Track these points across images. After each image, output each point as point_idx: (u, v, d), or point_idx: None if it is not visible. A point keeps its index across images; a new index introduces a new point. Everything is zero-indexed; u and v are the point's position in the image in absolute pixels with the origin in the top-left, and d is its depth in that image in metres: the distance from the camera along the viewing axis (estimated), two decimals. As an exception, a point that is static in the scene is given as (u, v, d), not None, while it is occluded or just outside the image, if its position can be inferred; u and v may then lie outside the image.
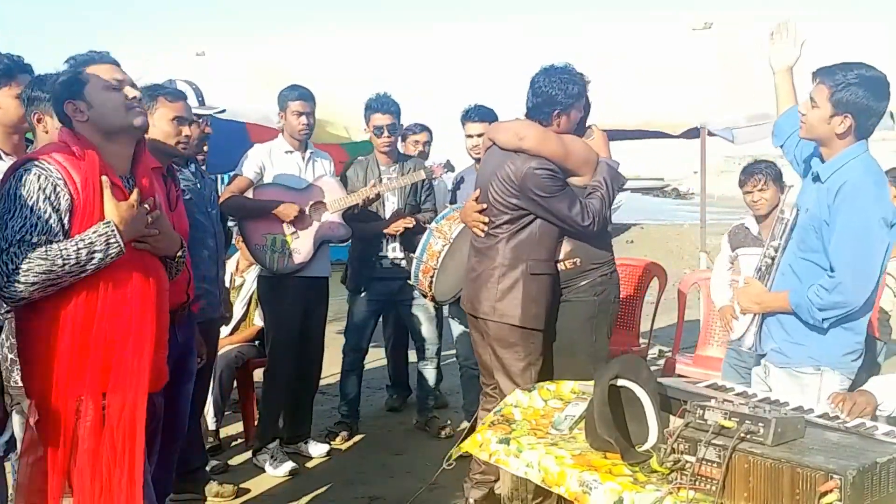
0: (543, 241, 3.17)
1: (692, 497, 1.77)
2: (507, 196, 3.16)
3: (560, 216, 3.11)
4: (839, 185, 2.49)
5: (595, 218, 3.11)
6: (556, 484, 1.99)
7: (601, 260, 3.27)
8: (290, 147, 4.20)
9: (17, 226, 2.06)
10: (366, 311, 4.61)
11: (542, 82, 3.13)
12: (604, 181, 3.16)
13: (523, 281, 3.15)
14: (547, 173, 3.07)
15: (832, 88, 2.47)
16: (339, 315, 7.97)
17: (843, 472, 1.60)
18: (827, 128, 2.51)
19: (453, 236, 3.75)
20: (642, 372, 2.12)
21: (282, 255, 4.05)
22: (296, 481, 4.03)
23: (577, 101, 3.16)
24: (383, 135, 4.47)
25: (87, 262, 2.07)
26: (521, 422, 2.41)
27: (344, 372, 4.74)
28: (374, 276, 4.54)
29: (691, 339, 5.26)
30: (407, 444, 4.62)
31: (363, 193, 4.21)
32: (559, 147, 3.11)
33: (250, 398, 4.56)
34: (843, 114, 2.47)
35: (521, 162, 3.10)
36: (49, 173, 2.09)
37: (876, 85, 2.48)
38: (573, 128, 3.23)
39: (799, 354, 2.61)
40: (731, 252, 4.07)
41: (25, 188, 2.07)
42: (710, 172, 7.65)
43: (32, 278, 2.03)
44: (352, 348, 4.69)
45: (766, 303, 2.70)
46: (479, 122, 4.41)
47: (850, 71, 2.48)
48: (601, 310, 3.27)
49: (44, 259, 2.03)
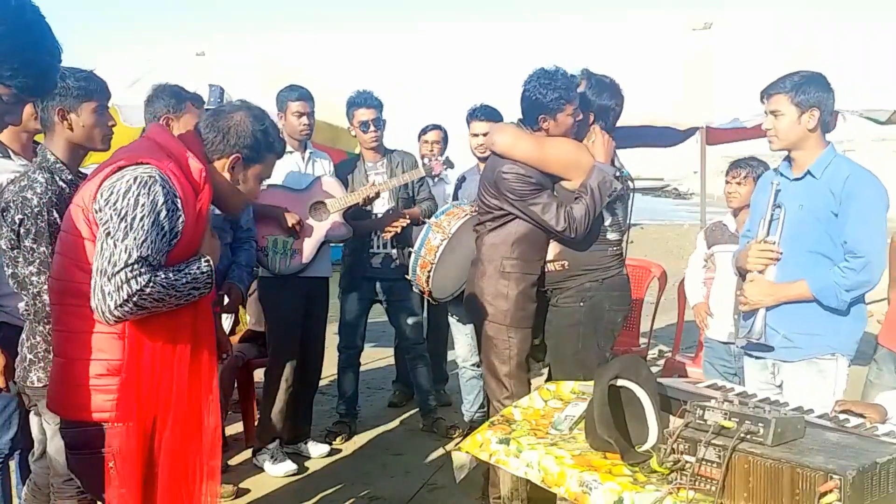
0: (523, 241, 3.18)
1: (692, 497, 1.77)
2: (489, 196, 3.23)
3: (535, 219, 3.14)
4: (844, 176, 2.68)
5: (572, 224, 3.08)
6: (556, 484, 1.99)
7: (591, 266, 3.21)
8: (289, 148, 4.19)
9: (140, 239, 1.89)
10: (357, 308, 4.61)
11: (529, 88, 3.16)
12: (589, 188, 3.11)
13: (495, 278, 3.19)
14: (515, 177, 3.10)
15: (790, 93, 2.72)
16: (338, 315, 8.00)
17: (842, 472, 1.60)
18: (798, 128, 2.73)
19: (452, 231, 3.76)
20: (642, 372, 2.12)
21: (284, 256, 4.05)
22: (296, 481, 4.04)
23: (564, 104, 3.13)
24: (370, 130, 4.43)
25: (187, 296, 1.99)
26: (520, 422, 2.41)
27: (340, 370, 4.75)
28: (365, 275, 4.55)
29: (691, 339, 5.26)
30: (407, 444, 4.61)
31: (363, 192, 4.20)
32: (533, 151, 3.13)
33: (250, 398, 4.56)
34: (810, 109, 2.70)
35: (500, 163, 3.16)
36: (170, 188, 1.96)
37: (821, 80, 2.75)
38: (570, 130, 3.21)
39: (818, 344, 2.74)
40: (707, 250, 4.08)
41: (150, 197, 1.92)
42: (710, 172, 7.65)
43: (149, 304, 1.91)
44: (346, 346, 4.70)
45: (779, 293, 2.77)
46: (484, 121, 4.40)
47: (795, 76, 2.75)
48: (589, 317, 3.20)
49: (164, 286, 1.92)
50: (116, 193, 1.93)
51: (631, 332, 5.15)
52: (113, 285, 1.87)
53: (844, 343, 2.76)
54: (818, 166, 2.74)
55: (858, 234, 2.65)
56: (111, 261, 1.88)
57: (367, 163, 4.52)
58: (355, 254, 4.57)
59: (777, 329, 2.78)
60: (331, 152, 4.73)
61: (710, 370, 3.90)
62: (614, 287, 3.25)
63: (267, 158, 2.24)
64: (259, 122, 2.19)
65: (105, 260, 1.89)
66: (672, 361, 4.79)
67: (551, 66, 3.17)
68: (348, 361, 4.72)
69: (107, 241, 1.91)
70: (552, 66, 3.17)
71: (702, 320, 4.01)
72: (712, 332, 3.94)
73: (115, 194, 1.93)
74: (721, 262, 3.92)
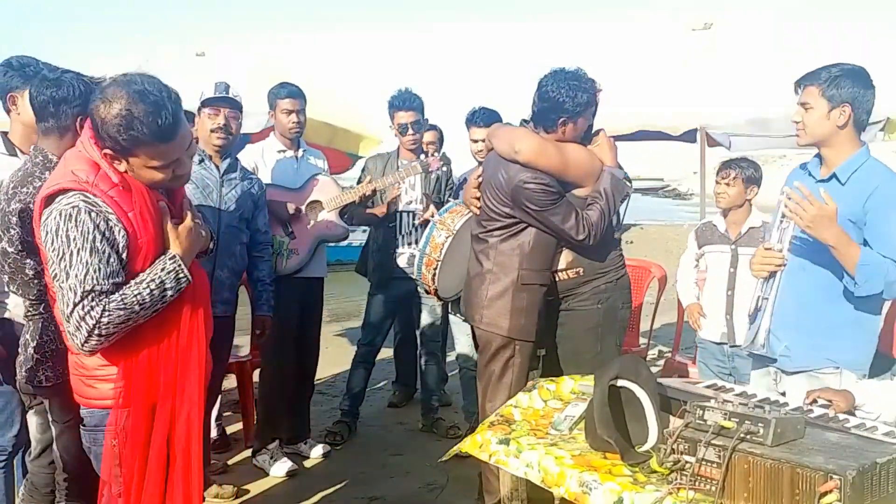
0: (537, 250, 3.08)
1: (692, 497, 1.77)
2: (499, 204, 3.08)
3: (554, 229, 3.03)
4: (872, 187, 2.49)
5: (591, 231, 3.01)
6: (556, 484, 1.99)
7: (605, 268, 3.18)
8: (282, 146, 4.19)
9: (81, 274, 1.90)
10: (383, 309, 4.63)
11: (550, 87, 2.99)
12: (604, 192, 3.05)
13: (513, 290, 3.07)
14: (539, 187, 2.96)
15: (822, 86, 2.55)
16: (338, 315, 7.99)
17: (842, 472, 1.59)
18: (827, 124, 2.56)
19: (456, 228, 3.74)
20: (642, 372, 2.11)
21: (280, 257, 4.04)
22: (295, 482, 4.03)
23: (585, 110, 3.02)
24: (408, 132, 4.49)
25: (160, 300, 2.00)
26: (520, 422, 2.41)
27: (354, 363, 4.75)
28: (393, 276, 4.55)
29: (691, 339, 5.26)
30: (407, 444, 4.61)
31: (359, 190, 4.20)
32: (558, 160, 3.01)
33: (250, 398, 4.56)
34: (841, 105, 2.53)
35: (514, 172, 2.99)
36: (98, 208, 1.93)
37: (860, 74, 2.56)
38: (580, 136, 3.12)
39: (818, 357, 2.59)
40: (698, 249, 4.08)
41: (79, 229, 1.90)
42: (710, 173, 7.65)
43: (113, 329, 1.94)
44: (365, 343, 4.71)
45: (839, 236, 2.45)
46: (483, 126, 4.40)
47: (833, 68, 2.56)
48: (606, 318, 3.18)
49: (122, 309, 1.93)
50: (50, 233, 1.95)
51: (631, 332, 5.14)
52: (72, 326, 1.93)
53: (849, 357, 2.57)
54: (845, 170, 2.56)
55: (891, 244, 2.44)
56: (64, 302, 1.94)
57: (401, 160, 4.56)
58: (380, 254, 4.58)
59: (780, 339, 2.65)
60: (328, 152, 4.73)
61: (704, 370, 3.90)
62: (625, 286, 3.26)
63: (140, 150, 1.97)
64: (121, 109, 1.93)
65: (60, 303, 1.96)
66: (672, 361, 4.79)
67: (572, 67, 3.04)
68: (363, 358, 4.73)
69: (55, 284, 1.97)
70: (573, 68, 3.04)
71: (695, 321, 4.01)
72: (705, 333, 3.95)
73: (48, 234, 1.95)
74: (712, 263, 3.92)
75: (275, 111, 4.17)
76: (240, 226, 3.65)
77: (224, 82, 3.59)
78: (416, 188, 4.55)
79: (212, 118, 3.57)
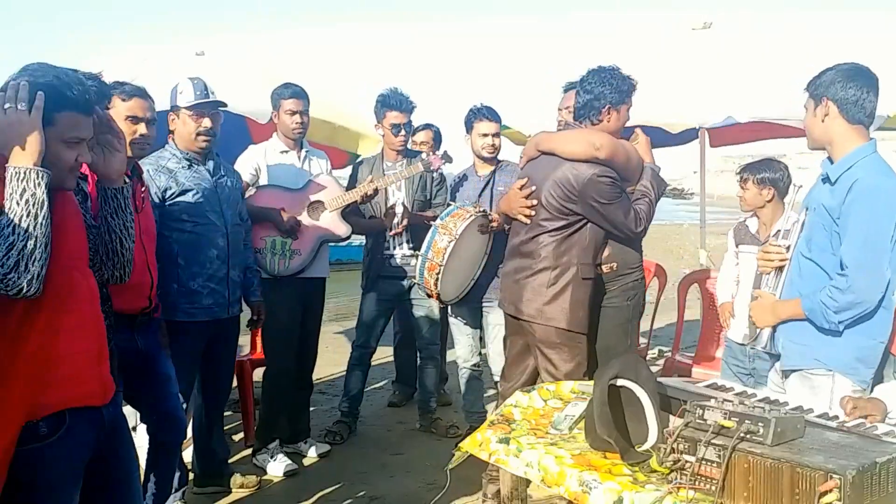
0: (592, 246, 3.20)
1: (692, 497, 1.77)
2: (563, 201, 3.13)
3: (615, 223, 3.15)
4: (850, 183, 2.44)
5: (645, 224, 3.18)
6: (556, 484, 1.99)
7: (634, 265, 3.33)
8: (284, 147, 4.19)
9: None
10: (375, 309, 4.62)
11: (592, 80, 3.18)
12: (651, 186, 3.22)
13: (573, 285, 3.15)
14: (609, 180, 3.08)
15: (809, 87, 2.56)
16: (338, 315, 7.99)
17: (842, 471, 1.59)
18: (819, 124, 2.55)
19: (458, 233, 3.74)
20: (642, 371, 2.12)
21: (282, 258, 4.04)
22: (296, 481, 4.04)
23: (627, 97, 3.20)
24: (400, 133, 4.48)
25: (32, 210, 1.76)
26: (520, 422, 2.41)
27: (349, 366, 4.75)
28: (382, 275, 4.54)
29: (691, 338, 5.26)
30: (407, 444, 4.61)
31: (361, 190, 4.19)
32: (624, 156, 3.15)
33: (250, 398, 4.56)
34: (820, 99, 2.51)
35: (585, 168, 3.08)
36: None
37: (849, 69, 2.51)
38: (623, 125, 3.26)
39: (806, 357, 2.56)
40: (736, 247, 4.07)
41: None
42: (710, 172, 7.65)
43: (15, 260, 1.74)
44: (359, 345, 4.70)
45: (779, 312, 2.63)
46: (493, 120, 4.40)
47: (832, 67, 2.54)
48: (633, 314, 3.36)
49: None
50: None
51: (631, 332, 5.15)
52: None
53: (841, 360, 2.49)
54: (837, 169, 2.51)
55: (848, 249, 2.42)
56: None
57: (385, 161, 4.54)
58: (372, 254, 4.58)
59: (779, 336, 2.67)
60: (329, 151, 4.72)
61: (725, 370, 3.90)
62: (643, 285, 3.42)
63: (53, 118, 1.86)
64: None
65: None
66: (672, 361, 4.79)
67: (609, 64, 3.21)
68: (359, 360, 4.71)
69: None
70: (610, 65, 3.21)
71: (724, 320, 4.01)
72: (732, 333, 3.93)
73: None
74: (743, 263, 3.91)
75: (278, 112, 4.16)
76: (239, 222, 3.69)
77: (201, 80, 3.53)
78: (402, 188, 4.51)
79: (196, 120, 3.51)
